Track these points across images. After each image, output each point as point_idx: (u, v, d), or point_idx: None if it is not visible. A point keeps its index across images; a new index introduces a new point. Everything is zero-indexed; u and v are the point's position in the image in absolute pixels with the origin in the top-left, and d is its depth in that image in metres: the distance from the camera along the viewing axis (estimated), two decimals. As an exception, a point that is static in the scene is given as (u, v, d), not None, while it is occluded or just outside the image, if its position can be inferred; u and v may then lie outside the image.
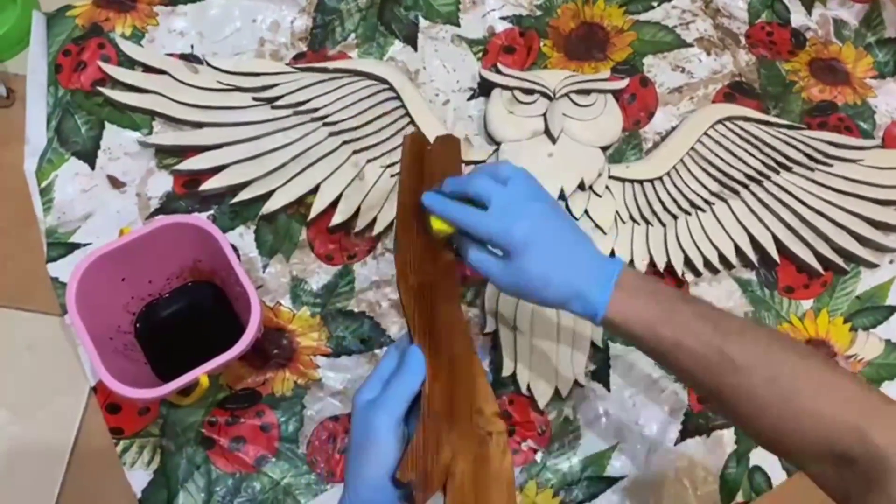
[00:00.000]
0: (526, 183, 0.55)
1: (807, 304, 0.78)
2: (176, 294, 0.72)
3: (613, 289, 0.51)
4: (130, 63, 0.79)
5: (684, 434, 0.72)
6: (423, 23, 0.85)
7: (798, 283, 0.78)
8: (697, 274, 0.76)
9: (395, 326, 0.73)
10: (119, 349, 0.67)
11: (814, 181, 0.80)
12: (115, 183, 0.76)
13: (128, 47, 0.79)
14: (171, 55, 0.80)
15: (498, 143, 0.78)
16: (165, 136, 0.76)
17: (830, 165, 0.81)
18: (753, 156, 0.80)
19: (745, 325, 0.51)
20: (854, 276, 0.79)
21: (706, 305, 0.53)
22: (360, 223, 0.74)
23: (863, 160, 0.82)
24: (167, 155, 0.76)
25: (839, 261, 0.78)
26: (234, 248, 0.74)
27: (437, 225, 0.56)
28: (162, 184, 0.76)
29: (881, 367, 0.76)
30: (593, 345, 0.73)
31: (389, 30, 0.84)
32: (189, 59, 0.80)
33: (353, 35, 0.83)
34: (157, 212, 0.75)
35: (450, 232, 0.56)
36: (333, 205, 0.75)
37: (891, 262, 0.80)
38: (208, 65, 0.79)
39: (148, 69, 0.79)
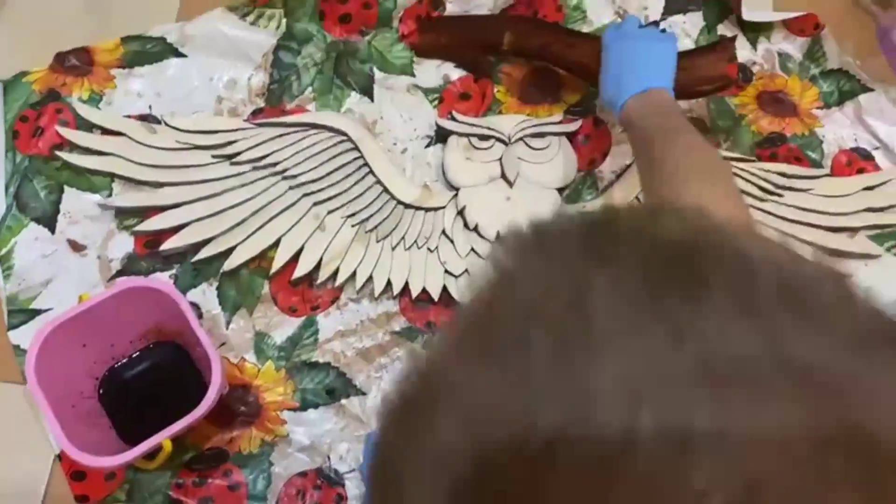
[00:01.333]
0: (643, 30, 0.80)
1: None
2: (139, 356, 0.72)
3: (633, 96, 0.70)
4: (88, 126, 0.79)
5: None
6: (378, 74, 0.86)
7: (757, 313, 0.79)
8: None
9: (360, 376, 0.74)
10: (82, 415, 0.67)
11: (766, 212, 0.82)
12: (76, 246, 0.76)
13: (85, 111, 0.80)
14: (129, 117, 0.81)
15: (457, 189, 0.79)
16: (125, 197, 0.77)
17: (782, 196, 0.83)
18: (706, 190, 0.81)
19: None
20: (810, 303, 0.80)
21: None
22: (323, 274, 0.75)
23: (813, 189, 0.84)
24: (127, 216, 0.77)
25: (795, 289, 0.79)
26: (197, 307, 0.74)
27: None
28: (123, 245, 0.76)
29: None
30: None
31: (345, 82, 0.85)
32: (147, 119, 0.81)
33: (309, 89, 0.85)
34: (119, 274, 0.75)
35: None
36: (295, 258, 0.75)
37: (846, 287, 0.81)
38: (166, 124, 0.80)
39: (106, 132, 0.79)
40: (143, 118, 0.81)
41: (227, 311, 0.75)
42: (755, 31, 0.93)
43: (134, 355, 0.71)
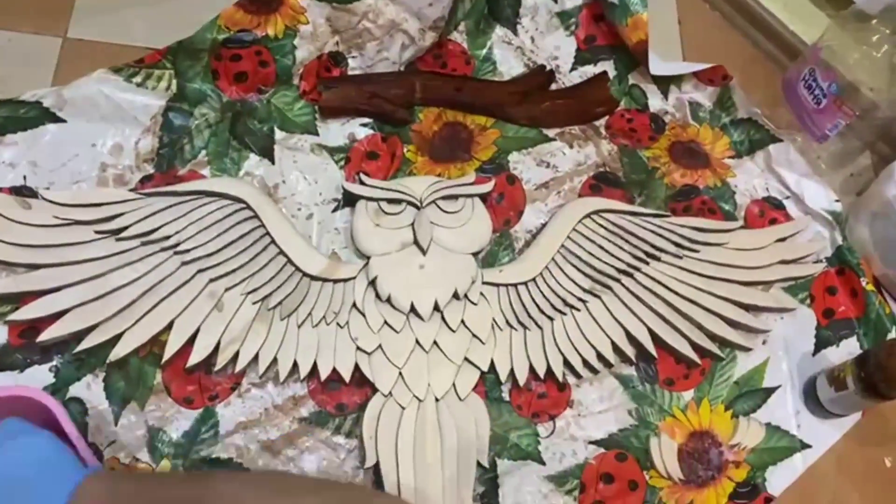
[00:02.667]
0: None
1: (688, 395, 0.77)
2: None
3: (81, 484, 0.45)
4: None
5: (580, 548, 0.70)
6: (279, 134, 0.81)
7: (678, 374, 0.78)
8: (578, 376, 0.75)
9: (266, 470, 0.68)
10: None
11: (682, 268, 0.80)
12: (-62, 340, 0.68)
13: None
14: (0, 190, 0.73)
15: (367, 258, 0.75)
16: (-2, 283, 0.69)
17: (697, 251, 0.82)
18: (622, 248, 0.80)
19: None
20: (731, 361, 0.79)
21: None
22: (221, 359, 0.69)
23: (727, 243, 0.83)
24: (0, 303, 0.69)
25: (713, 348, 0.78)
26: (81, 402, 0.68)
27: None
28: (-6, 336, 0.69)
29: (764, 451, 0.76)
30: (479, 465, 0.70)
31: (243, 143, 0.80)
32: (21, 192, 0.74)
33: (203, 152, 0.79)
34: (-10, 369, 0.67)
35: None
36: (190, 342, 0.69)
37: (763, 342, 0.81)
38: (43, 198, 0.73)
39: None
40: (17, 191, 0.74)
41: (115, 405, 0.68)
42: (665, 81, 0.93)
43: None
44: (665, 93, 0.93)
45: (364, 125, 0.84)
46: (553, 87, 0.91)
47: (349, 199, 0.79)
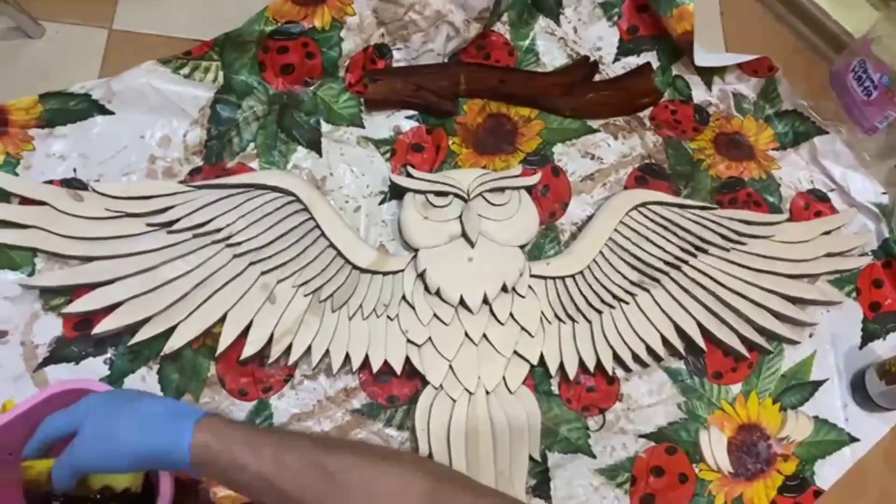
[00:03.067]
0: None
1: (736, 389, 0.77)
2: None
3: (195, 428, 0.47)
4: (4, 195, 0.72)
5: (632, 541, 0.70)
6: (325, 126, 0.81)
7: (726, 368, 0.77)
8: (628, 370, 0.75)
9: (320, 462, 0.68)
10: (9, 531, 0.60)
11: (730, 261, 0.80)
12: (-4, 332, 0.68)
13: (0, 178, 0.72)
14: (50, 182, 0.73)
15: (415, 250, 0.75)
16: (50, 275, 0.70)
17: (745, 244, 0.81)
18: (670, 241, 0.79)
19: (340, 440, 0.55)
20: (778, 354, 0.79)
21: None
22: (275, 351, 0.69)
23: (774, 235, 0.83)
24: (54, 295, 0.69)
25: (762, 341, 0.78)
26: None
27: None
28: (50, 328, 0.69)
29: (812, 445, 0.76)
30: (531, 458, 0.70)
31: (291, 136, 0.80)
32: (72, 184, 0.74)
33: (251, 144, 0.79)
34: (47, 361, 0.68)
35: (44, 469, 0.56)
36: (244, 334, 0.69)
37: (810, 335, 0.80)
38: (94, 191, 0.73)
39: (25, 201, 0.72)
40: (67, 183, 0.74)
41: (170, 396, 0.68)
42: (709, 72, 0.92)
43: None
44: (709, 84, 0.92)
45: (409, 117, 0.83)
46: (596, 78, 0.90)
47: (396, 192, 0.79)
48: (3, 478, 0.61)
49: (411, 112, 0.83)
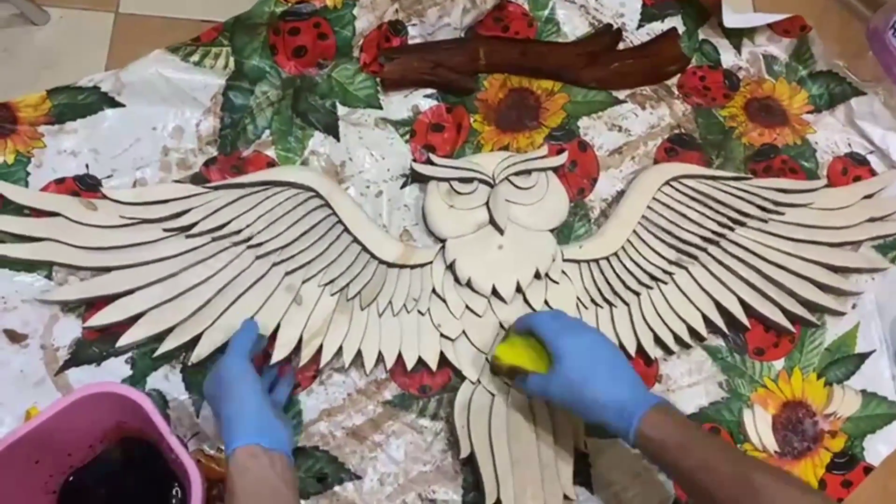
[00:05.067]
0: (575, 320, 0.65)
1: (778, 365, 0.74)
2: (100, 460, 0.63)
3: (652, 407, 0.55)
4: (17, 209, 0.69)
5: (676, 525, 0.67)
6: (341, 109, 0.78)
7: (767, 344, 0.75)
8: (670, 352, 0.72)
9: (353, 458, 0.66)
10: (41, 541, 0.58)
11: (769, 233, 0.77)
12: (15, 337, 0.66)
13: (9, 190, 0.70)
14: (63, 180, 0.71)
15: (443, 241, 0.72)
16: (69, 289, 0.67)
17: (783, 214, 0.78)
18: (706, 215, 0.76)
19: (764, 462, 0.58)
20: (821, 327, 0.76)
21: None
22: (305, 355, 0.67)
23: (813, 203, 0.79)
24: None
25: (806, 314, 0.75)
26: (161, 394, 0.66)
27: (500, 353, 0.64)
28: (69, 330, 0.67)
29: (860, 420, 0.73)
30: (575, 448, 0.67)
31: (307, 121, 0.77)
32: (85, 181, 0.71)
33: (267, 132, 0.76)
34: (68, 364, 0.66)
35: (509, 363, 0.63)
36: (271, 337, 0.67)
37: (853, 306, 0.77)
38: (107, 198, 0.70)
39: (38, 212, 0.69)
40: (80, 180, 0.71)
41: (195, 396, 0.66)
42: (738, 34, 0.88)
43: (95, 460, 0.63)
44: (738, 47, 0.88)
45: (427, 96, 0.80)
46: (620, 46, 0.86)
47: (418, 175, 0.76)
48: (31, 486, 0.59)
49: (430, 90, 0.80)
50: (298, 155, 0.76)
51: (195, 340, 0.66)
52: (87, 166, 0.72)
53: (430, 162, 0.75)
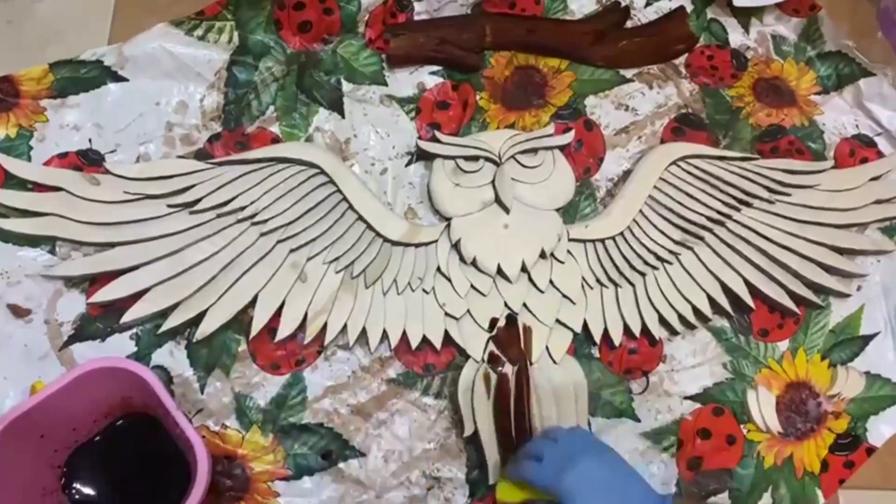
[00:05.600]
0: (574, 439, 0.60)
1: (783, 346, 0.74)
2: (105, 435, 0.63)
3: None
4: (20, 183, 0.69)
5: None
6: (346, 86, 0.78)
7: (772, 325, 0.75)
8: (675, 333, 0.72)
9: (358, 435, 0.67)
10: (47, 515, 0.59)
11: (775, 214, 0.76)
12: (18, 312, 0.66)
13: (12, 165, 0.69)
14: (66, 154, 0.71)
15: (448, 219, 0.71)
16: (72, 264, 0.67)
17: (789, 195, 0.77)
18: (712, 196, 0.76)
19: None
20: (826, 309, 0.76)
21: None
22: (310, 332, 0.67)
23: (819, 185, 0.79)
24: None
25: (811, 295, 0.74)
26: (165, 370, 0.66)
27: (502, 495, 0.61)
28: (74, 305, 0.67)
29: (864, 401, 0.73)
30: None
31: (311, 97, 0.76)
32: (88, 156, 0.71)
33: (271, 108, 0.76)
34: (72, 339, 0.66)
35: (515, 501, 0.61)
36: (276, 314, 0.67)
37: (858, 288, 0.77)
38: (110, 173, 0.70)
39: (40, 187, 0.69)
40: (83, 155, 0.71)
41: (199, 371, 0.66)
42: (746, 14, 0.87)
43: (99, 435, 0.63)
44: (746, 26, 0.87)
45: (433, 73, 0.79)
46: (628, 24, 0.85)
47: (423, 153, 0.75)
48: (36, 460, 0.59)
49: (435, 67, 0.79)
50: (303, 131, 0.75)
51: (200, 317, 0.66)
52: (90, 141, 0.72)
53: (435, 139, 0.75)
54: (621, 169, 0.79)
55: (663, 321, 0.71)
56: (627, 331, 0.70)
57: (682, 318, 0.71)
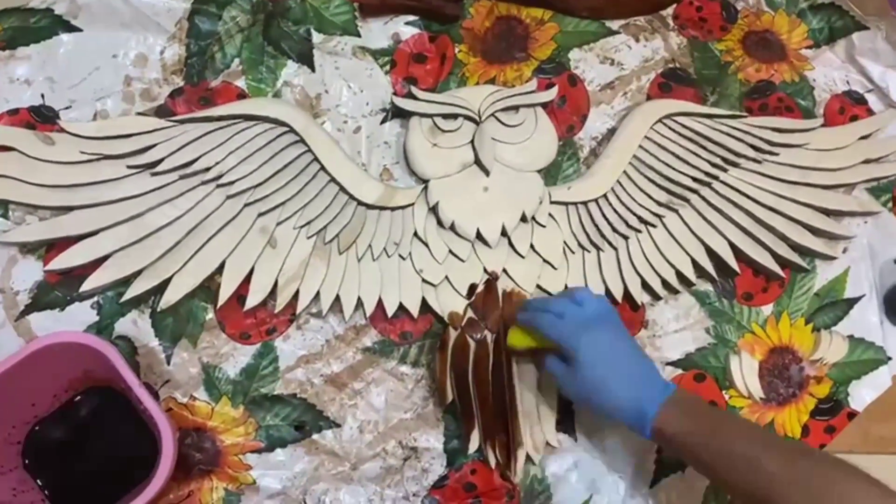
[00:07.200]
0: (600, 307, 0.60)
1: (767, 310, 0.73)
2: (66, 410, 0.61)
3: (664, 402, 0.55)
4: None
5: (659, 471, 0.67)
6: (316, 37, 0.73)
7: (756, 289, 0.73)
8: (658, 298, 0.70)
9: (332, 406, 0.64)
10: (6, 492, 0.56)
11: (762, 174, 0.74)
12: (-29, 281, 0.63)
13: None
14: (17, 111, 0.66)
15: (425, 181, 0.68)
16: (27, 230, 0.63)
17: (777, 154, 0.75)
18: (699, 156, 0.73)
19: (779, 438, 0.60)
20: (811, 272, 0.74)
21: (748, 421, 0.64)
22: (281, 301, 0.64)
23: (808, 144, 0.77)
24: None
25: (797, 258, 0.73)
26: (129, 340, 0.63)
27: (513, 339, 0.62)
28: (30, 273, 0.64)
29: (846, 366, 0.72)
30: (560, 396, 0.66)
31: (279, 49, 0.72)
32: (41, 112, 0.67)
33: (236, 60, 0.71)
34: (29, 309, 0.63)
35: (524, 346, 0.61)
36: (245, 282, 0.64)
37: (844, 251, 0.76)
38: (65, 131, 0.65)
39: None
40: (36, 111, 0.67)
41: (165, 341, 0.64)
42: (738, -38, 0.83)
43: (60, 409, 0.60)
44: (737, -25, 0.84)
45: (409, 23, 0.75)
46: (615, -28, 0.81)
47: (399, 111, 0.72)
48: (-6, 438, 0.57)
49: (411, 17, 0.75)
50: (270, 86, 0.71)
51: (165, 284, 0.63)
52: (42, 96, 0.67)
53: (411, 96, 0.71)
54: (606, 127, 0.75)
55: (646, 286, 0.69)
56: (609, 296, 0.68)
57: (665, 283, 0.70)
